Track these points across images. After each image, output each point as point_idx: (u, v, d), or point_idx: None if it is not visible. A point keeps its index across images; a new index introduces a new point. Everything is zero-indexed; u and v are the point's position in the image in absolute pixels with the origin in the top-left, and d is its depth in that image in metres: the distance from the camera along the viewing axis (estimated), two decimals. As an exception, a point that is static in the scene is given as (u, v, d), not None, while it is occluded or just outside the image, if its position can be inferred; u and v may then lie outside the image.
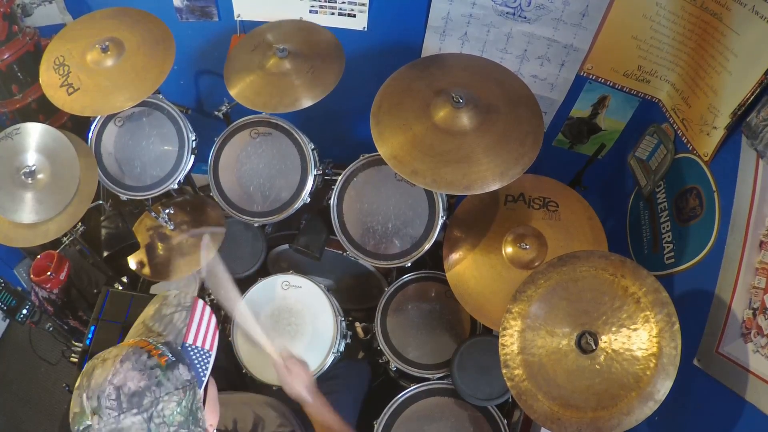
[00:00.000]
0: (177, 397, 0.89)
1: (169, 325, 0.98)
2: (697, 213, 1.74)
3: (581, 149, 2.47)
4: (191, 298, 1.03)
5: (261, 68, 1.96)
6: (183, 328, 0.98)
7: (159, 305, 1.01)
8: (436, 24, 2.14)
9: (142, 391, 0.86)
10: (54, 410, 2.48)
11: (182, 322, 0.99)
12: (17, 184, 1.82)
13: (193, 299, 1.02)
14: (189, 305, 1.01)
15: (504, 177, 1.59)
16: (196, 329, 0.99)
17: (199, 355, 0.97)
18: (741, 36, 1.56)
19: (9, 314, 2.08)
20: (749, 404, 1.38)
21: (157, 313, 1.00)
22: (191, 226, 2.11)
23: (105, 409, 0.84)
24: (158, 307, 1.00)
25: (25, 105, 2.18)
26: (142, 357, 0.89)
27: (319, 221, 2.11)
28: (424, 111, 1.71)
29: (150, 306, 1.01)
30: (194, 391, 0.93)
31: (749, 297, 1.43)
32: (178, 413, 0.89)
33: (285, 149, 2.05)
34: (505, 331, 1.53)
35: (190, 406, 0.91)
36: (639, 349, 1.36)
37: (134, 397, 0.86)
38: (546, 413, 1.44)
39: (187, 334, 0.98)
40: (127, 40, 1.92)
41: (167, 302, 1.01)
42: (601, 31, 1.99)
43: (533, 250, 1.77)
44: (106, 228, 2.08)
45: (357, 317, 2.13)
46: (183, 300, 1.02)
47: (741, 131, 1.51)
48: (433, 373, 1.91)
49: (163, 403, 0.88)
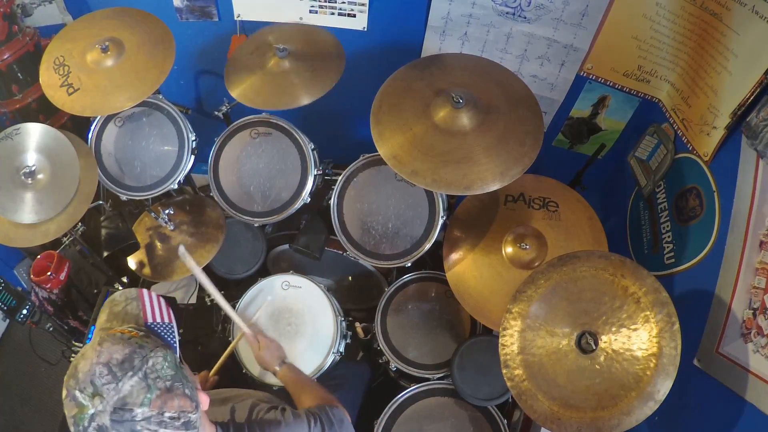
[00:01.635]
0: (161, 352, 0.94)
1: (125, 316, 1.03)
2: (697, 213, 1.74)
3: (581, 149, 2.47)
4: (135, 290, 1.08)
5: (261, 68, 1.96)
6: (139, 313, 1.04)
7: (109, 309, 1.06)
8: (436, 24, 2.14)
9: (130, 356, 0.91)
10: (54, 410, 2.48)
11: (136, 308, 1.05)
12: (17, 184, 1.82)
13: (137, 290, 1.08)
14: (135, 295, 1.07)
15: (504, 177, 1.59)
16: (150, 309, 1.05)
17: (162, 328, 1.04)
18: (741, 36, 1.56)
19: (9, 314, 2.08)
20: (749, 404, 1.38)
21: (110, 315, 1.04)
22: (191, 226, 2.11)
23: (102, 387, 0.88)
24: (108, 310, 1.05)
25: (25, 105, 2.18)
26: (117, 336, 0.94)
27: (319, 221, 2.11)
28: (424, 111, 1.71)
29: (101, 315, 1.06)
30: (173, 352, 0.98)
31: (749, 297, 1.43)
32: (167, 367, 0.93)
33: (285, 149, 2.05)
34: (505, 331, 1.53)
35: (175, 363, 0.96)
36: (639, 349, 1.36)
37: (124, 363, 0.90)
38: (546, 413, 1.44)
39: (145, 315, 1.04)
40: (127, 40, 1.92)
41: (115, 302, 1.06)
42: (601, 31, 1.99)
43: (533, 250, 1.77)
44: (106, 228, 2.07)
45: (357, 317, 2.13)
46: (128, 294, 1.07)
47: (741, 131, 1.51)
48: (433, 373, 1.91)
49: (152, 359, 0.92)
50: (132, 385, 0.89)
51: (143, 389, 0.89)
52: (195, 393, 0.98)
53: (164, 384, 0.92)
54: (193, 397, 0.96)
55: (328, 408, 1.37)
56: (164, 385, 0.92)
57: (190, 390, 0.96)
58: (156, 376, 0.91)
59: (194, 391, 0.97)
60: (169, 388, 0.92)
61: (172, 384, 0.93)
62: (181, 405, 0.93)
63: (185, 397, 0.94)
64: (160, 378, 0.92)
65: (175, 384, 0.93)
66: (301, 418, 1.29)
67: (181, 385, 0.94)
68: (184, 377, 0.96)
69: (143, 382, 0.90)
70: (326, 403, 1.43)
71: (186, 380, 0.96)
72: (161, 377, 0.92)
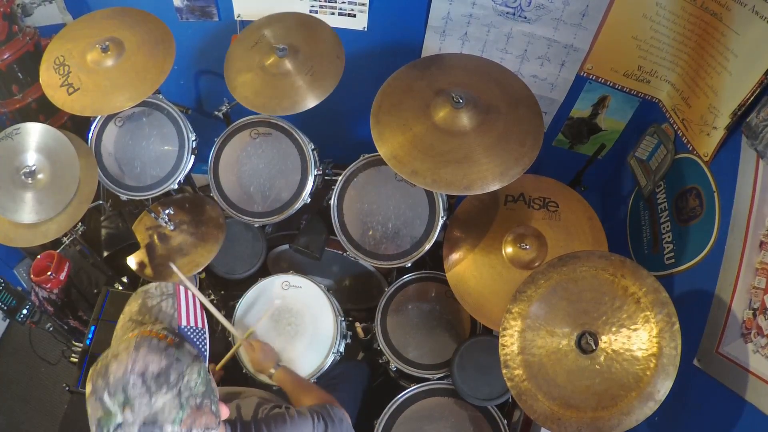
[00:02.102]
0: (197, 367, 0.93)
1: (159, 313, 1.01)
2: (697, 213, 1.74)
3: (581, 149, 2.47)
4: (172, 285, 1.05)
5: (261, 68, 1.95)
6: (174, 313, 1.01)
7: (142, 299, 1.03)
8: (436, 24, 2.14)
9: (166, 370, 0.89)
10: (54, 410, 2.48)
11: (171, 307, 1.02)
12: (17, 184, 1.82)
13: (174, 286, 1.05)
14: (172, 292, 1.04)
15: (504, 177, 1.59)
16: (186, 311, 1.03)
17: (195, 334, 1.01)
18: (741, 36, 1.56)
19: (9, 314, 2.08)
20: (749, 404, 1.38)
21: (143, 307, 1.02)
22: (191, 226, 2.11)
23: (135, 399, 0.85)
24: (141, 301, 1.03)
25: (25, 105, 2.18)
26: (153, 341, 0.91)
27: (319, 221, 2.11)
28: (424, 111, 1.71)
29: (132, 302, 1.03)
30: (204, 364, 0.97)
31: (749, 297, 1.43)
32: (200, 383, 0.92)
33: (285, 149, 2.05)
34: (505, 331, 1.53)
35: (206, 377, 0.95)
36: (639, 349, 1.36)
37: (160, 377, 0.88)
38: (546, 413, 1.44)
39: (179, 317, 1.01)
40: (127, 40, 1.92)
41: (149, 294, 1.03)
42: (601, 31, 1.99)
43: (533, 250, 1.77)
44: (106, 228, 2.08)
45: (357, 317, 2.13)
46: (165, 289, 1.04)
47: (741, 131, 1.51)
48: (433, 373, 1.91)
49: (188, 376, 0.91)
50: (165, 402, 0.87)
51: (176, 407, 0.88)
52: (218, 407, 0.97)
53: (195, 402, 0.90)
54: (218, 412, 0.96)
55: (329, 407, 1.38)
56: (195, 402, 0.90)
57: (215, 405, 0.95)
58: (189, 394, 0.90)
59: (218, 405, 0.97)
60: (199, 405, 0.91)
61: (202, 401, 0.92)
62: (208, 422, 0.92)
63: (211, 414, 0.93)
64: (193, 396, 0.90)
65: (205, 401, 0.92)
66: (305, 416, 1.30)
67: (210, 402, 0.93)
68: (211, 392, 0.95)
69: (177, 400, 0.88)
70: (326, 402, 1.43)
71: (213, 395, 0.95)
72: (193, 395, 0.90)
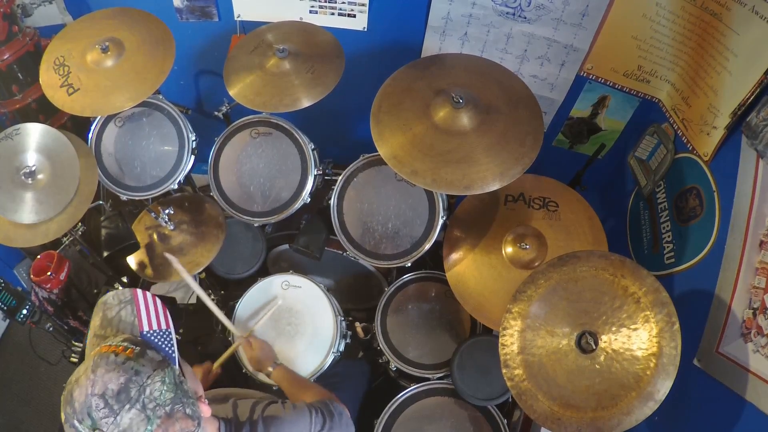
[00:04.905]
0: (159, 376, 0.90)
1: (120, 323, 0.99)
2: (697, 213, 1.74)
3: (581, 149, 2.47)
4: (129, 291, 1.03)
5: (261, 68, 1.96)
6: (134, 320, 0.99)
7: (102, 312, 1.01)
8: (436, 24, 2.14)
9: (125, 386, 0.87)
10: (54, 410, 2.48)
11: (131, 315, 1.00)
12: (17, 184, 1.81)
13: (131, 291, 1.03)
14: (130, 298, 1.02)
15: (504, 177, 1.59)
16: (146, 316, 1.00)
17: (160, 337, 0.99)
18: (741, 36, 1.56)
19: (9, 314, 2.08)
20: (749, 404, 1.38)
21: (104, 320, 1.00)
22: (191, 226, 2.11)
23: (101, 420, 0.85)
24: (102, 314, 1.01)
25: (25, 105, 2.18)
26: (110, 358, 0.89)
27: (319, 221, 2.11)
28: (424, 111, 1.71)
29: (94, 318, 1.02)
30: (171, 368, 0.94)
31: (749, 297, 1.43)
32: (166, 391, 0.90)
33: (285, 149, 2.05)
34: (505, 331, 1.53)
35: (174, 381, 0.93)
36: (639, 349, 1.36)
37: (120, 394, 0.86)
38: (546, 413, 1.44)
39: (140, 323, 0.99)
40: (127, 40, 1.92)
41: (108, 305, 1.02)
42: (601, 31, 1.99)
43: (533, 250, 1.77)
44: (106, 228, 2.07)
45: (357, 317, 2.13)
46: (122, 296, 1.02)
47: (741, 131, 1.51)
48: (433, 373, 1.91)
49: (149, 387, 0.89)
50: (131, 418, 0.86)
51: (143, 421, 0.86)
52: (196, 408, 0.95)
53: (164, 411, 0.89)
54: (195, 414, 0.94)
55: (327, 401, 1.38)
56: (164, 411, 0.89)
57: (191, 408, 0.94)
58: (155, 405, 0.88)
59: (195, 407, 0.95)
60: (170, 413, 0.90)
61: (172, 408, 0.90)
62: (183, 427, 0.91)
63: (186, 418, 0.92)
64: (159, 405, 0.89)
65: (176, 407, 0.91)
66: (302, 410, 1.29)
67: (182, 407, 0.92)
68: (184, 395, 0.93)
69: (142, 414, 0.87)
70: (326, 398, 1.43)
71: (186, 397, 0.93)
72: (160, 404, 0.89)
